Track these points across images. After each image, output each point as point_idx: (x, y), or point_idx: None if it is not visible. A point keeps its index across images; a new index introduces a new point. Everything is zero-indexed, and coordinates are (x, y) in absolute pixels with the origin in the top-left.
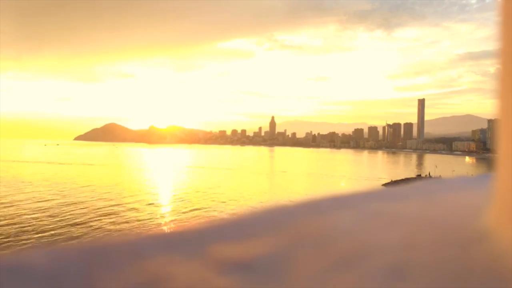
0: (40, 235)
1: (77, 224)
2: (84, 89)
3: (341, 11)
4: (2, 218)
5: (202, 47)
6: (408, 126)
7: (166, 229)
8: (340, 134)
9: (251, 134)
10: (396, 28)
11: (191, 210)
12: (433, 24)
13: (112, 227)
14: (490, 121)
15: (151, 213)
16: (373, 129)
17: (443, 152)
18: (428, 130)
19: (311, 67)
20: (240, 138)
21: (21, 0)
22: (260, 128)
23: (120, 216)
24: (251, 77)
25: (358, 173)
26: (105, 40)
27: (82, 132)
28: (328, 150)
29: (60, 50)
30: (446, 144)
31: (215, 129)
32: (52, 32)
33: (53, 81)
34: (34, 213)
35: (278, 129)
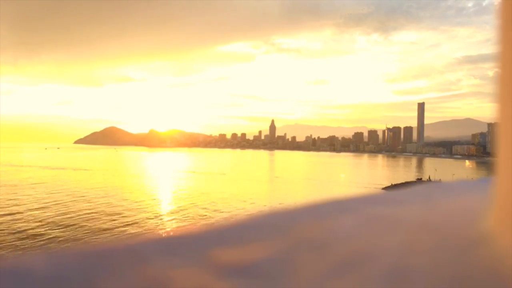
0: (50, 240)
1: (87, 228)
2: (84, 92)
3: (337, 15)
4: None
5: (200, 51)
6: (408, 129)
7: (166, 233)
8: (340, 138)
9: (251, 138)
10: (392, 31)
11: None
12: (430, 28)
13: (110, 231)
14: (490, 125)
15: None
16: (373, 133)
17: (443, 155)
18: (428, 133)
19: (309, 70)
20: (240, 142)
21: (19, 5)
22: (260, 132)
23: (118, 220)
24: (250, 81)
25: (358, 179)
26: (105, 44)
27: (82, 136)
28: (328, 153)
29: (60, 55)
30: (446, 148)
31: (215, 132)
32: (51, 36)
33: (53, 85)
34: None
35: (278, 132)
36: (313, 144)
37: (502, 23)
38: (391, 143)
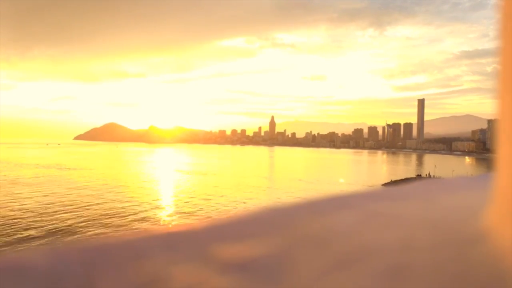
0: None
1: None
2: (84, 88)
3: (330, 9)
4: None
5: (198, 47)
6: (408, 126)
7: (165, 229)
8: (340, 134)
9: (251, 134)
10: (387, 26)
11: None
12: (426, 23)
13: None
14: (490, 121)
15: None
16: (372, 129)
17: (443, 152)
18: (428, 130)
19: (305, 65)
20: (240, 138)
21: (13, 1)
22: (260, 128)
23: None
24: (249, 76)
25: (358, 178)
26: (102, 40)
27: (82, 132)
28: (327, 150)
29: (59, 51)
30: (446, 144)
31: (215, 128)
32: (50, 32)
33: (52, 81)
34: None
35: (278, 129)
36: (313, 141)
37: (502, 18)
38: (391, 140)
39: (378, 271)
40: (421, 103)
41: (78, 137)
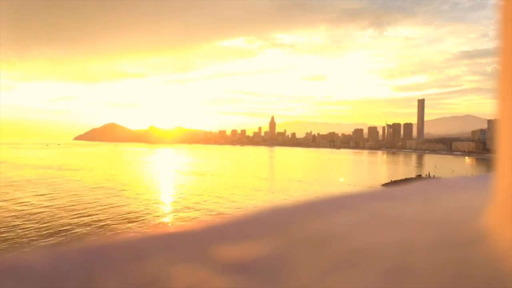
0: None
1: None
2: (84, 88)
3: (330, 10)
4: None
5: (198, 48)
6: (408, 126)
7: (165, 230)
8: (340, 134)
9: (251, 134)
10: (387, 26)
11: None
12: (425, 23)
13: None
14: (490, 122)
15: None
16: (372, 129)
17: (443, 152)
18: (428, 130)
19: (304, 66)
20: (240, 138)
21: (13, 2)
22: (260, 128)
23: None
24: (248, 77)
25: (358, 178)
26: (105, 39)
27: (82, 132)
28: (328, 150)
29: (59, 51)
30: (446, 145)
31: (215, 129)
32: (50, 32)
33: (52, 82)
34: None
35: (278, 129)
36: (313, 141)
37: (502, 18)
38: (391, 140)
39: (378, 272)
40: (421, 103)
41: (78, 138)
